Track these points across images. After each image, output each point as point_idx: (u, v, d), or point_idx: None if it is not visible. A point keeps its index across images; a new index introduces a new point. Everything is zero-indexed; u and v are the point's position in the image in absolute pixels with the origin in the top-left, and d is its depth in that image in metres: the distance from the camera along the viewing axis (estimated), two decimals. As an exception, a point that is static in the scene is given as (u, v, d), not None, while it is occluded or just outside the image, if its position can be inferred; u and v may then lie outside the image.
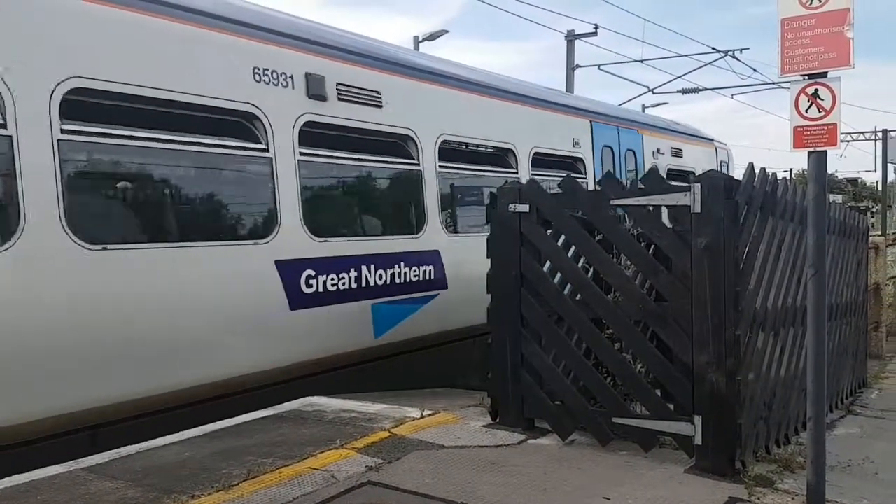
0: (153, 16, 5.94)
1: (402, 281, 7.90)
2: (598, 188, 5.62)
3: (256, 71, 6.56)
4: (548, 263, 5.84)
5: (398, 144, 8.11)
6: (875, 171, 48.64)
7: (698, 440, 5.00)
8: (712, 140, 16.17)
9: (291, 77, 6.85)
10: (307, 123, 6.97)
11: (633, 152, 12.78)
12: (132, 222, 6.02)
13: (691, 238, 5.01)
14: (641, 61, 25.70)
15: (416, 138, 8.17)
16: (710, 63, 25.94)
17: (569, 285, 5.80)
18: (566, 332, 5.76)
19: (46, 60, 5.27)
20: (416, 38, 23.52)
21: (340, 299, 7.17)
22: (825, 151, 4.40)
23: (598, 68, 25.62)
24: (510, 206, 5.82)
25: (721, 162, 16.13)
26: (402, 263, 7.89)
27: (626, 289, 5.50)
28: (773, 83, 27.71)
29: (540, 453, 5.33)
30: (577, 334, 5.76)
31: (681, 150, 14.32)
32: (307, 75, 6.98)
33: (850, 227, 8.03)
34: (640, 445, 5.31)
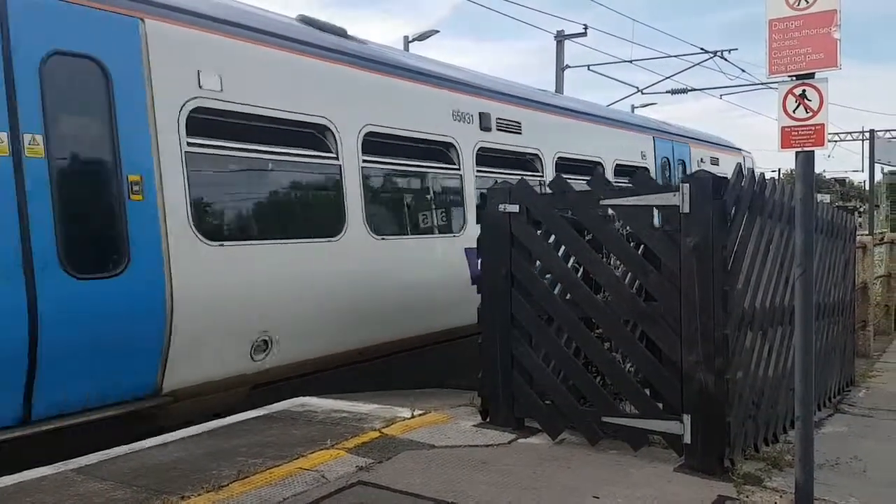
0: (407, 80, 8.65)
1: None
2: (588, 188, 5.63)
3: (454, 113, 9.22)
4: (538, 263, 5.86)
5: (530, 161, 10.60)
6: (862, 171, 48.96)
7: (687, 439, 5.02)
8: (741, 150, 18.78)
9: (472, 116, 9.47)
10: (480, 148, 9.55)
11: (683, 162, 15.09)
12: (397, 222, 8.68)
13: (680, 238, 5.03)
14: (631, 61, 25.75)
15: (541, 156, 10.65)
16: (698, 63, 26.00)
17: (559, 285, 5.82)
18: (556, 332, 5.78)
19: (357, 113, 7.82)
20: (405, 38, 23.49)
21: None
22: (813, 151, 4.43)
23: (588, 69, 25.66)
24: (500, 206, 5.83)
25: (748, 168, 17.45)
26: None
27: (615, 288, 5.52)
28: (762, 84, 27.85)
29: (530, 452, 5.35)
30: (566, 334, 5.78)
31: (718, 159, 16.61)
32: (480, 114, 9.59)
33: (837, 227, 8.08)
34: (630, 444, 5.33)
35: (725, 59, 25.49)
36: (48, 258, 5.29)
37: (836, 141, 48.10)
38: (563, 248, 5.84)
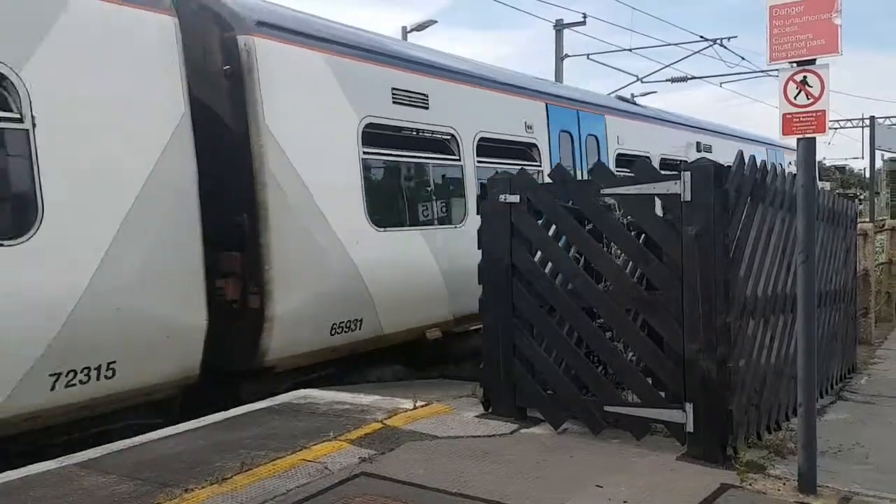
0: (670, 127, 14.58)
1: None
2: (589, 177, 5.62)
3: (687, 143, 14.62)
4: (539, 253, 5.85)
5: None
6: (863, 158, 48.82)
7: (690, 427, 5.02)
8: None
9: (693, 143, 14.87)
10: None
11: (781, 164, 19.97)
12: None
13: (681, 226, 5.02)
14: (630, 50, 25.68)
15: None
16: (698, 51, 25.91)
17: (560, 275, 5.81)
18: (558, 322, 5.77)
19: (656, 148, 13.49)
20: (404, 28, 23.46)
21: None
22: (814, 138, 4.41)
23: (587, 57, 25.60)
24: (501, 196, 5.81)
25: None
26: None
27: (616, 277, 5.51)
28: (762, 71, 27.75)
29: (532, 442, 5.35)
30: (568, 324, 5.77)
31: (792, 162, 21.18)
32: (697, 142, 15.04)
33: (838, 215, 8.06)
34: (632, 433, 5.33)
35: (725, 47, 25.41)
36: None
37: (836, 128, 47.98)
38: (563, 237, 5.83)
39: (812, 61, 4.34)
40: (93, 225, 5.40)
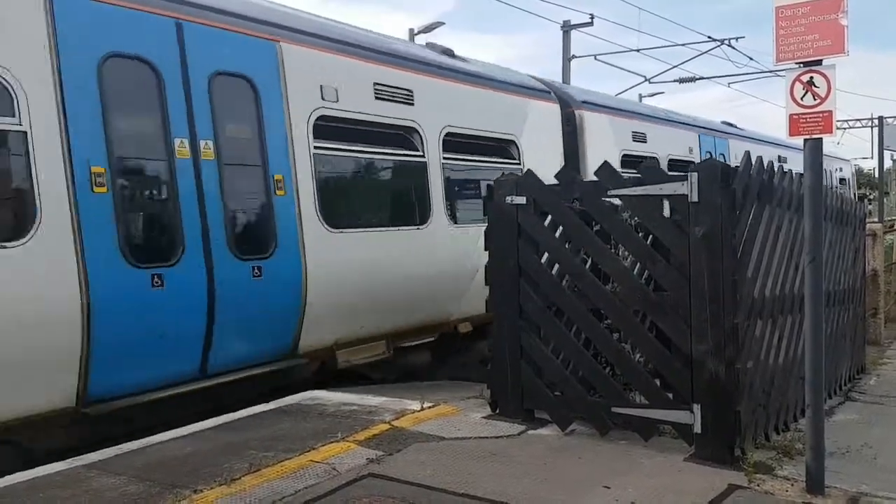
0: (749, 143, 16.62)
1: None
2: (595, 178, 5.62)
3: (779, 157, 16.83)
4: (546, 255, 5.85)
5: None
6: (872, 158, 48.56)
7: (697, 428, 5.02)
8: (848, 160, 27.30)
9: (774, 157, 15.36)
10: None
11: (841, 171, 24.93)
12: None
13: (689, 227, 5.01)
14: (638, 50, 25.67)
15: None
16: (706, 52, 25.90)
17: (567, 276, 5.81)
18: (565, 323, 5.77)
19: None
20: (411, 30, 23.47)
21: None
22: (821, 139, 4.41)
23: (595, 58, 25.55)
24: (507, 197, 5.81)
25: (852, 173, 27.04)
26: None
27: (624, 279, 5.51)
28: (770, 71, 27.69)
29: (540, 444, 5.35)
30: (575, 325, 5.77)
31: (842, 168, 25.24)
32: (779, 156, 17.35)
33: (847, 215, 8.03)
34: (640, 434, 5.33)
35: (733, 48, 25.40)
36: None
37: (844, 128, 47.70)
38: (570, 239, 5.82)
39: (818, 62, 4.34)
40: None
